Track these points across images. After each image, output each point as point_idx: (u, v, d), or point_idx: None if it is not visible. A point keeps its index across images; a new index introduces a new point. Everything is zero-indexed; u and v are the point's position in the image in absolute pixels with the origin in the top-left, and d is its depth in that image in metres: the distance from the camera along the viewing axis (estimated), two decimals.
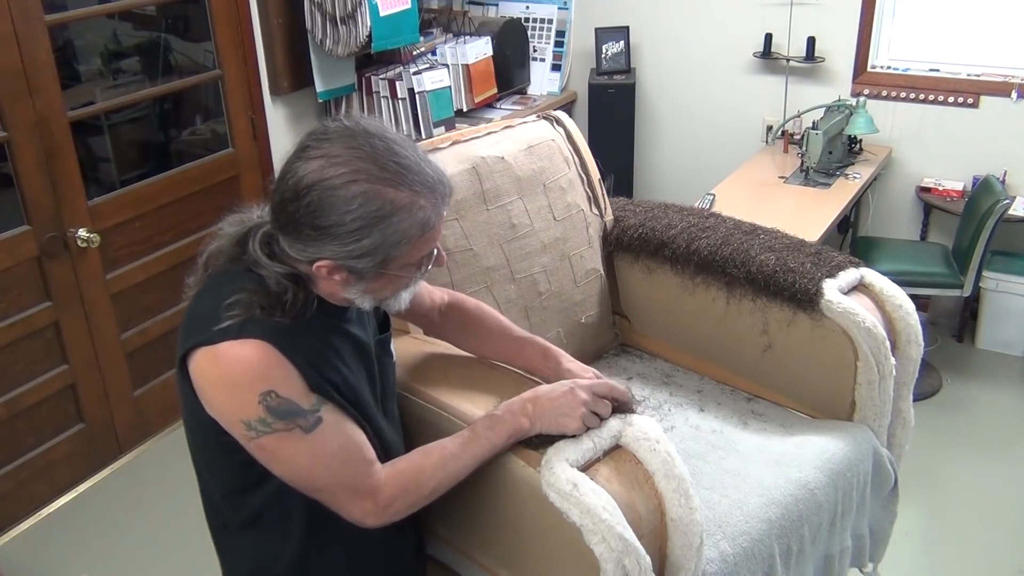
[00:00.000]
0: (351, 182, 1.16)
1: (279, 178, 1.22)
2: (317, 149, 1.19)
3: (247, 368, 1.20)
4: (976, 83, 3.54)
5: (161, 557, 2.66)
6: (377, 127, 1.22)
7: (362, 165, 1.17)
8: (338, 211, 1.17)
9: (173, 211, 3.11)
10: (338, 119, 1.23)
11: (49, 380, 2.82)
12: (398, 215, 1.19)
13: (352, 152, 1.18)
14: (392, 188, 1.18)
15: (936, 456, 2.99)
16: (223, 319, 1.21)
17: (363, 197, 1.17)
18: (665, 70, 4.13)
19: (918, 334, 1.92)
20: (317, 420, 1.24)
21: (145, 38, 3.37)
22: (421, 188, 1.21)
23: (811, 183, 3.43)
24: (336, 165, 1.17)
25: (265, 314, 1.22)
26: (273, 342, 1.21)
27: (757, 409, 2.00)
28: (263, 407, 1.20)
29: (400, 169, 1.19)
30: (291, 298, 1.24)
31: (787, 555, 1.66)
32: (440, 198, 1.24)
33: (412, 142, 1.26)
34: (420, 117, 3.56)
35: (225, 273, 1.30)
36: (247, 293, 1.23)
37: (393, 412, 1.50)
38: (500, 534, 1.48)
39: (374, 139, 1.20)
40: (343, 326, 1.34)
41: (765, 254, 1.98)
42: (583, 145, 2.21)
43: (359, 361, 1.36)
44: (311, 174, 1.17)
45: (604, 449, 1.39)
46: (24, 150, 2.62)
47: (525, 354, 1.59)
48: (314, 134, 1.22)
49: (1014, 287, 3.47)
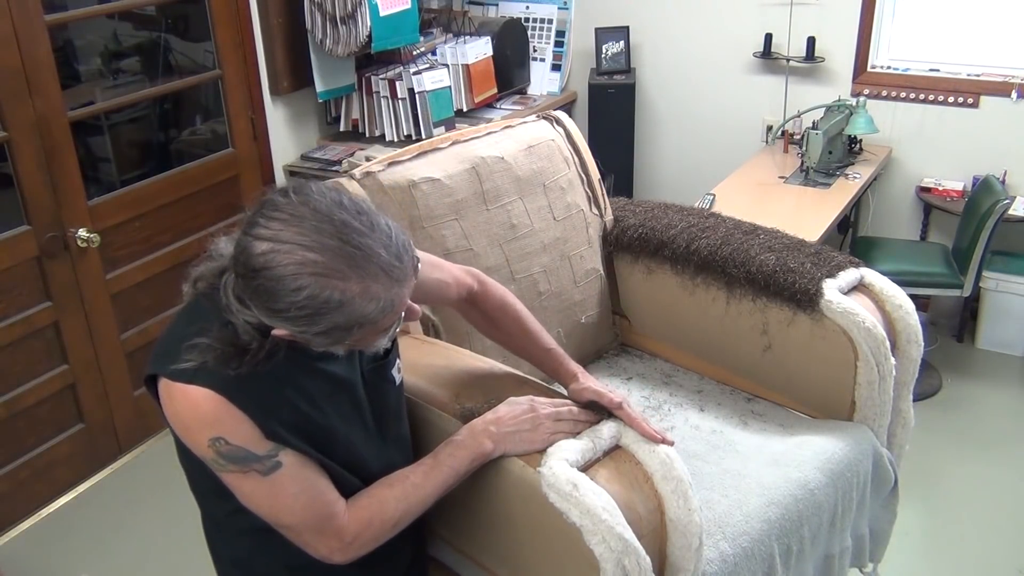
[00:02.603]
0: (296, 275, 1.10)
1: (235, 245, 1.17)
2: (266, 228, 1.13)
3: (196, 415, 1.21)
4: (976, 83, 3.54)
5: (161, 557, 2.67)
6: (327, 205, 1.14)
7: (308, 256, 1.11)
8: (285, 301, 1.12)
9: (173, 211, 3.11)
10: (288, 195, 1.16)
11: (49, 380, 2.82)
12: (350, 305, 1.13)
13: (300, 238, 1.11)
14: (341, 280, 1.12)
15: (936, 456, 2.99)
16: (181, 359, 1.20)
17: (310, 290, 1.11)
18: (665, 70, 4.13)
19: (918, 334, 1.92)
20: (275, 464, 1.24)
21: (145, 38, 3.38)
22: (376, 274, 1.14)
23: (811, 183, 3.43)
24: (282, 253, 1.11)
25: (219, 364, 1.19)
26: (223, 392, 1.20)
27: (757, 409, 2.00)
28: (213, 451, 1.21)
29: (351, 256, 1.12)
30: (255, 349, 1.21)
31: (787, 555, 1.66)
32: (397, 280, 1.17)
33: (369, 214, 1.17)
34: (420, 117, 3.56)
35: (205, 299, 1.27)
36: (209, 338, 1.20)
37: (399, 433, 1.48)
38: (500, 534, 1.48)
39: (323, 221, 1.12)
40: (317, 365, 1.31)
41: (765, 254, 1.98)
42: (583, 145, 2.21)
43: (334, 399, 1.34)
44: (258, 258, 1.12)
45: (604, 449, 1.39)
46: (24, 150, 2.62)
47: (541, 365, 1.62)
48: (265, 208, 1.15)
49: (1014, 287, 3.47)
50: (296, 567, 1.38)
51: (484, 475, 1.41)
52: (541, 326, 1.64)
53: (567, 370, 1.56)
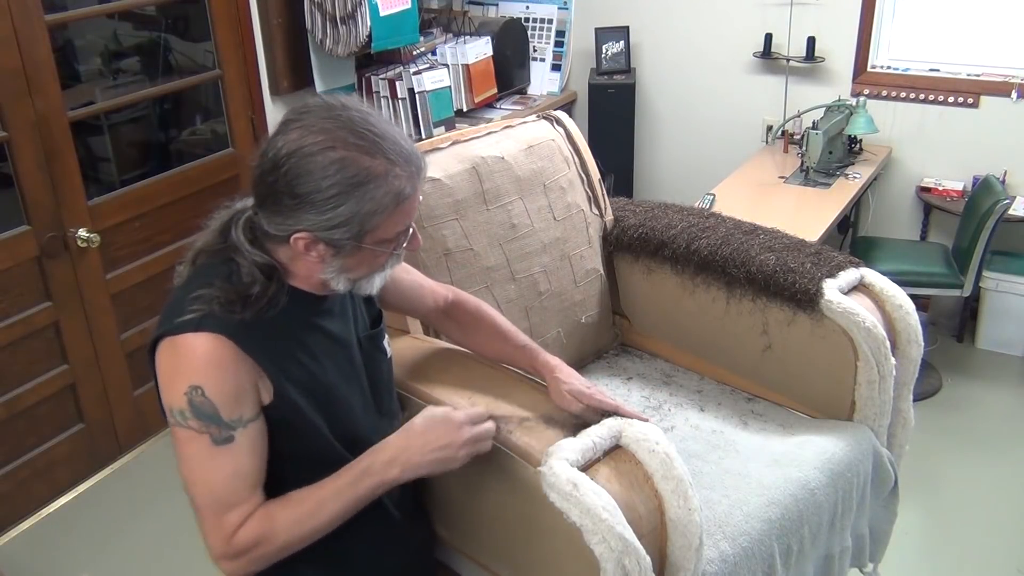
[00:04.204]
0: (328, 148, 1.19)
1: (260, 154, 1.25)
2: (296, 122, 1.23)
3: (190, 359, 1.22)
4: (976, 83, 3.54)
5: (161, 557, 2.66)
6: (354, 102, 1.25)
7: (339, 134, 1.20)
8: (315, 177, 1.19)
9: (173, 211, 3.10)
10: (318, 96, 1.28)
11: (49, 380, 2.82)
12: (374, 183, 1.21)
13: (330, 122, 1.21)
14: (368, 156, 1.21)
15: (936, 456, 2.99)
16: (186, 312, 1.23)
17: (339, 163, 1.19)
18: (665, 70, 4.13)
19: (918, 334, 1.92)
20: (228, 437, 1.24)
21: (145, 38, 3.38)
22: (396, 158, 1.23)
23: (811, 183, 3.43)
24: (313, 133, 1.20)
25: (224, 310, 1.23)
26: (231, 336, 1.23)
27: (757, 409, 2.00)
28: (186, 399, 1.22)
29: (376, 138, 1.22)
30: (258, 292, 1.26)
31: (787, 555, 1.66)
32: (416, 170, 1.26)
33: (389, 120, 1.29)
34: (420, 117, 3.56)
35: (203, 267, 1.33)
36: (212, 288, 1.25)
37: (390, 409, 1.49)
38: (500, 534, 1.48)
39: (351, 111, 1.23)
40: (316, 320, 1.34)
41: (765, 254, 1.98)
42: (583, 145, 2.21)
43: (334, 356, 1.36)
44: (289, 143, 1.21)
45: (604, 449, 1.39)
46: (24, 150, 2.62)
47: (517, 363, 1.60)
48: (294, 110, 1.26)
49: (1014, 287, 3.47)
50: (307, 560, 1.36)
51: (484, 475, 1.41)
52: (513, 326, 1.65)
53: (543, 363, 1.56)
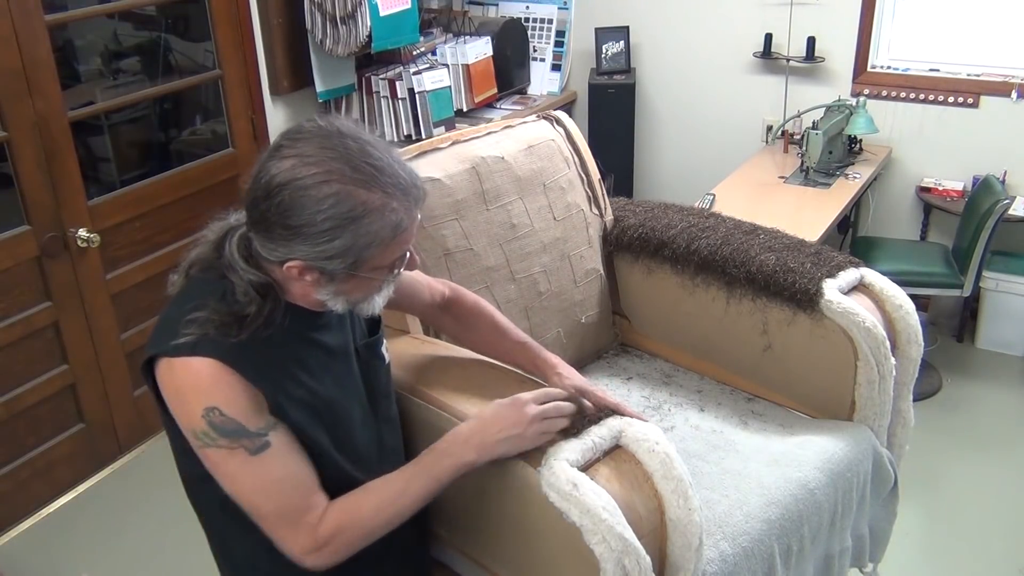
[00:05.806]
0: (323, 182, 1.16)
1: (253, 176, 1.22)
2: (290, 148, 1.19)
3: (194, 383, 1.21)
4: (976, 83, 3.54)
5: (161, 557, 2.66)
6: (351, 129, 1.21)
7: (335, 166, 1.16)
8: (309, 211, 1.16)
9: (173, 211, 3.10)
10: (313, 120, 1.23)
11: (49, 380, 2.82)
12: (369, 217, 1.18)
13: (325, 152, 1.17)
14: (364, 190, 1.17)
15: (936, 456, 2.99)
16: (180, 335, 1.21)
17: (335, 198, 1.16)
18: (665, 70, 4.13)
19: (918, 334, 1.92)
20: (264, 444, 1.23)
21: (145, 38, 3.38)
22: (393, 190, 1.20)
23: (811, 183, 3.43)
24: (308, 165, 1.16)
25: (220, 334, 1.21)
26: (226, 360, 1.21)
27: (757, 409, 2.00)
28: (206, 421, 1.21)
29: (373, 171, 1.18)
30: (254, 312, 1.23)
31: (787, 555, 1.66)
32: (413, 201, 1.23)
33: (387, 144, 1.25)
34: (420, 117, 3.56)
35: (198, 282, 1.30)
36: (207, 310, 1.23)
37: (389, 414, 1.49)
38: (500, 534, 1.48)
39: (348, 140, 1.19)
40: (312, 335, 1.32)
41: (765, 254, 1.98)
42: (583, 145, 2.21)
43: (332, 369, 1.34)
44: (283, 173, 1.17)
45: (604, 449, 1.39)
46: (24, 150, 2.62)
47: (516, 360, 1.60)
48: (288, 134, 1.22)
49: (1014, 287, 3.47)
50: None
51: (484, 475, 1.40)
52: (512, 323, 1.64)
53: (544, 360, 1.55)
